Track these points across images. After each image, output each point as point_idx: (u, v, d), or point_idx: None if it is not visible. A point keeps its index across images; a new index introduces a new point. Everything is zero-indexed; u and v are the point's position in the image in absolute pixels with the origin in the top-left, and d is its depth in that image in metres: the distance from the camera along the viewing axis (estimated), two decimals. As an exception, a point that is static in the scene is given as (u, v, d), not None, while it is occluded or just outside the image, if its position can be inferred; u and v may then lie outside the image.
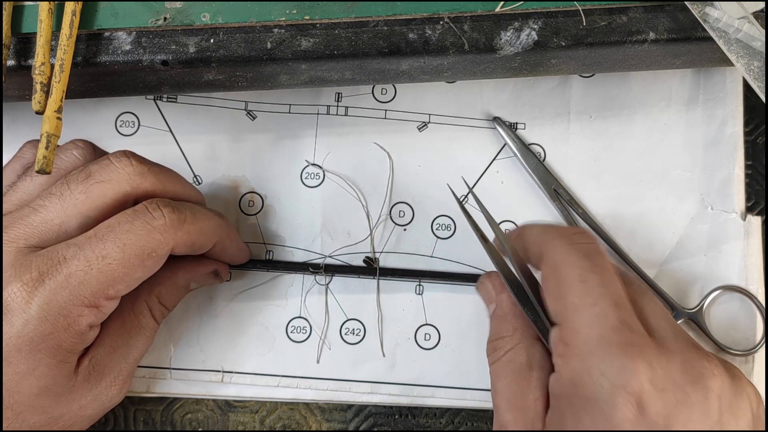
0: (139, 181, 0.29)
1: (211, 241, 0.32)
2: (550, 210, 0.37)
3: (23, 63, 0.30)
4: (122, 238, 0.27)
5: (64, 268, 0.27)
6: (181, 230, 0.29)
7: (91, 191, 0.28)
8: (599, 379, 0.25)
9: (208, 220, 0.31)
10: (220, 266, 0.35)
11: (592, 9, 0.31)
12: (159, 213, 0.28)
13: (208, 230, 0.31)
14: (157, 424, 0.36)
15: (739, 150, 0.38)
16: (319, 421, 0.36)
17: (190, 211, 0.30)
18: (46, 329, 0.26)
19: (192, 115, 0.38)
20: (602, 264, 0.28)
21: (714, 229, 0.37)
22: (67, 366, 0.28)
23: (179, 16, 0.31)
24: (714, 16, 0.30)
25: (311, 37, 0.30)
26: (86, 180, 0.29)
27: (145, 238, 0.28)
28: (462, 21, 0.31)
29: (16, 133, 0.37)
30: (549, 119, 0.38)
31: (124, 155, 0.30)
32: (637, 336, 0.26)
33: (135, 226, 0.28)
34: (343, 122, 0.38)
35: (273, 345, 0.36)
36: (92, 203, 0.28)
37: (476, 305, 0.36)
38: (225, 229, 0.33)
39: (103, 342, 0.30)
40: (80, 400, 0.29)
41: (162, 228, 0.28)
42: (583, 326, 0.26)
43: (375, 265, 0.36)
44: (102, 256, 0.27)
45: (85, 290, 0.27)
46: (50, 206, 0.28)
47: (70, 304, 0.27)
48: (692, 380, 0.25)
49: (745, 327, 0.36)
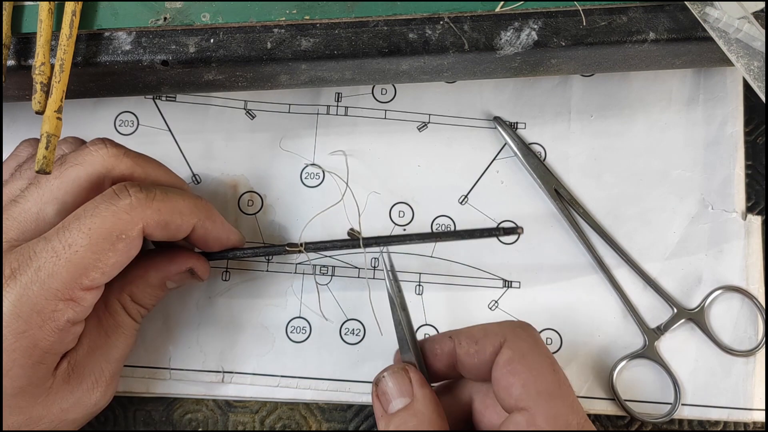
0: (114, 163, 0.29)
1: (187, 221, 0.30)
2: (551, 209, 0.37)
3: (23, 63, 0.30)
4: (87, 223, 0.27)
5: (33, 262, 0.26)
6: (150, 208, 0.28)
7: (65, 175, 0.28)
8: None
9: (182, 198, 0.30)
10: (197, 264, 0.33)
11: (592, 9, 0.31)
12: (125, 193, 0.28)
13: (182, 208, 0.29)
14: (157, 424, 0.36)
15: (739, 150, 0.38)
16: (319, 421, 0.36)
17: (161, 190, 0.29)
18: (19, 327, 0.26)
19: (191, 114, 0.38)
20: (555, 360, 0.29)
21: (714, 229, 0.37)
22: (43, 367, 0.27)
23: (179, 16, 0.31)
24: (714, 16, 0.30)
25: (311, 37, 0.30)
26: (61, 165, 0.29)
27: (110, 219, 0.27)
28: (462, 21, 0.31)
29: (16, 133, 0.37)
30: (549, 119, 0.38)
31: (100, 141, 0.29)
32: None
33: (99, 209, 0.27)
34: (343, 122, 0.38)
35: (273, 345, 0.36)
36: (67, 187, 0.28)
37: (476, 305, 0.36)
38: (204, 210, 0.31)
39: (81, 343, 0.30)
40: (61, 403, 0.29)
41: (128, 207, 0.27)
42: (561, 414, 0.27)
43: (359, 236, 0.34)
44: (68, 245, 0.26)
45: (56, 282, 0.26)
46: (28, 195, 0.28)
47: (42, 298, 0.26)
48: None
49: (746, 327, 0.36)
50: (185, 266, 0.32)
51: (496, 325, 0.29)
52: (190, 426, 0.36)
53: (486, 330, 0.29)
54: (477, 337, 0.29)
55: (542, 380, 0.27)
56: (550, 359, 0.28)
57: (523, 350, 0.28)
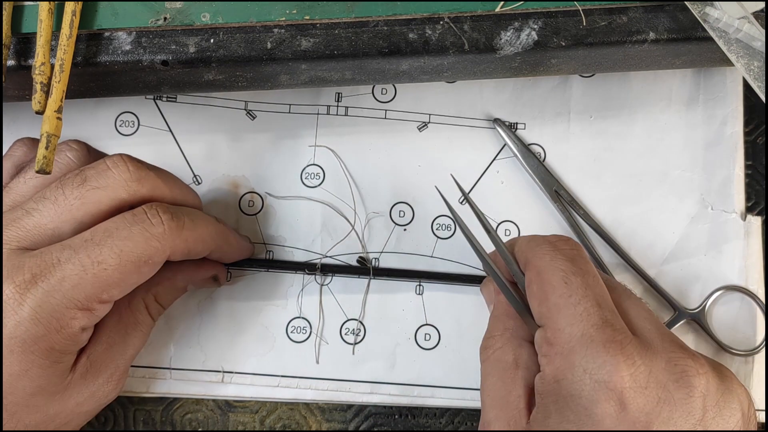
0: (136, 188, 0.29)
1: (208, 248, 0.32)
2: (551, 210, 0.37)
3: (23, 63, 0.30)
4: (119, 245, 0.27)
5: (57, 271, 0.27)
6: (179, 238, 0.29)
7: (87, 197, 0.28)
8: (581, 375, 0.25)
9: (206, 226, 0.31)
10: (219, 271, 0.35)
11: (592, 9, 0.31)
12: (158, 220, 0.28)
13: (206, 238, 0.31)
14: (157, 424, 0.36)
15: (739, 150, 0.38)
16: (319, 421, 0.36)
17: (189, 218, 0.30)
18: (38, 331, 0.26)
19: (192, 114, 0.38)
20: (585, 267, 0.28)
21: (714, 229, 0.37)
22: (60, 366, 0.28)
23: (179, 16, 0.31)
24: (714, 16, 0.30)
25: (311, 37, 0.30)
26: (82, 185, 0.28)
27: (142, 245, 0.28)
28: (462, 21, 0.31)
29: (16, 133, 0.37)
30: (549, 119, 0.38)
31: (122, 160, 0.29)
32: (620, 334, 0.26)
33: (133, 232, 0.28)
34: (343, 122, 0.38)
35: (273, 345, 0.36)
36: (87, 209, 0.28)
37: (476, 305, 0.36)
38: (223, 235, 0.33)
39: (100, 339, 0.30)
40: (77, 397, 0.29)
41: (160, 236, 0.28)
42: (566, 325, 0.26)
43: (368, 265, 0.36)
44: (98, 262, 0.27)
45: (79, 294, 0.27)
46: (44, 210, 0.28)
47: (62, 306, 0.27)
48: (676, 378, 0.25)
49: (746, 327, 0.36)
50: (211, 273, 0.34)
51: (524, 243, 0.30)
52: (190, 426, 0.36)
53: (517, 250, 0.30)
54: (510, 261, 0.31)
55: (552, 294, 0.27)
56: (563, 270, 0.27)
57: (539, 267, 0.28)
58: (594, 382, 0.25)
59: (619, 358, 0.25)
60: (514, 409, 0.28)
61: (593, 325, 0.26)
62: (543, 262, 0.28)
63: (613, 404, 0.24)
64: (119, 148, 0.36)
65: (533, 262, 0.29)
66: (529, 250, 0.29)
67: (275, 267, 0.36)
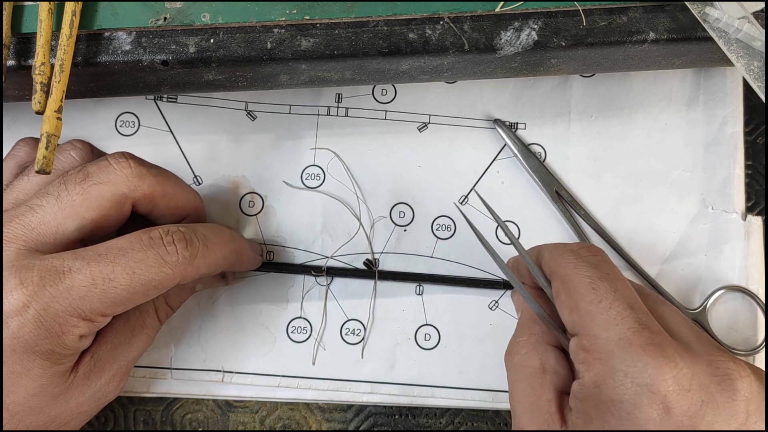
0: (137, 183, 0.29)
1: (220, 269, 0.32)
2: (551, 210, 0.37)
3: (23, 63, 0.30)
4: (132, 266, 0.27)
5: (67, 279, 0.27)
6: (191, 266, 0.29)
7: (89, 193, 0.28)
8: (623, 380, 0.25)
9: (220, 251, 0.31)
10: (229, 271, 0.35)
11: (592, 9, 0.31)
12: (173, 249, 0.29)
13: (218, 262, 0.31)
14: (157, 424, 0.36)
15: (739, 150, 0.38)
16: (319, 421, 0.36)
17: (204, 244, 0.30)
18: (41, 334, 0.26)
19: (192, 115, 0.38)
20: (611, 272, 0.28)
21: (714, 229, 0.37)
22: (61, 367, 0.28)
23: (179, 16, 0.31)
24: (714, 16, 0.30)
25: (311, 37, 0.30)
26: (84, 181, 0.29)
27: (155, 270, 0.28)
28: (462, 21, 0.31)
29: (16, 133, 0.37)
30: (549, 119, 0.38)
31: (123, 157, 0.30)
32: (658, 336, 0.25)
33: (148, 256, 0.28)
34: (343, 123, 0.38)
35: (273, 345, 0.36)
36: (89, 204, 0.28)
37: (476, 305, 0.36)
38: (237, 255, 0.32)
39: (106, 339, 0.30)
40: (78, 397, 0.29)
41: (173, 264, 0.28)
42: (600, 330, 0.26)
43: (374, 268, 0.36)
44: (109, 279, 0.27)
45: (84, 305, 0.27)
46: (47, 206, 0.28)
47: (66, 314, 0.27)
48: (718, 381, 0.25)
49: (746, 327, 0.36)
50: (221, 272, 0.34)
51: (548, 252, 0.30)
52: (190, 426, 0.36)
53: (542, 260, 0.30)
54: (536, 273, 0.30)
55: (581, 302, 0.27)
56: (588, 277, 0.27)
57: (564, 277, 0.28)
58: (636, 386, 0.24)
59: (661, 360, 0.24)
60: (546, 413, 0.27)
61: (629, 328, 0.25)
62: (567, 271, 0.28)
63: (657, 408, 0.24)
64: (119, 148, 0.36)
65: (558, 272, 0.29)
66: (552, 260, 0.29)
67: (282, 270, 0.36)
